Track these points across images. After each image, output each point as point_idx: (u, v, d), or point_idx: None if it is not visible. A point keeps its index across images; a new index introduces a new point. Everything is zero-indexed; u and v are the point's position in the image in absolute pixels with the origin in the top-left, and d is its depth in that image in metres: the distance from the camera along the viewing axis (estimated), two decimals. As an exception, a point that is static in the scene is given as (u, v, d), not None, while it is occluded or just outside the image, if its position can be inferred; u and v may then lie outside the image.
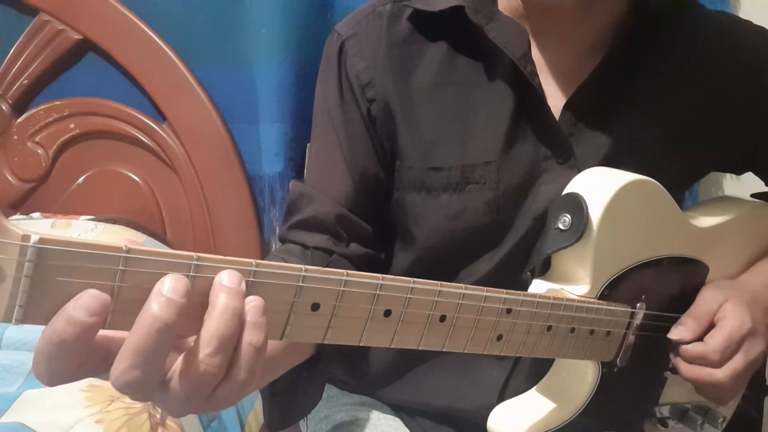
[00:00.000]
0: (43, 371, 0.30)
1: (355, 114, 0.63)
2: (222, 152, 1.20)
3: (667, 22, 0.61)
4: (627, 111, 0.61)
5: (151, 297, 0.30)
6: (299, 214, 0.63)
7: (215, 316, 0.32)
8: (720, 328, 0.56)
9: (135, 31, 1.18)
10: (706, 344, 0.56)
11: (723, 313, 0.57)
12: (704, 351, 0.56)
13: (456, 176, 0.60)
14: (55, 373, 0.30)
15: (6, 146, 1.25)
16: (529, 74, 0.58)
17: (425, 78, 0.61)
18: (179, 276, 0.31)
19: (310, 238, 0.61)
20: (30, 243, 0.27)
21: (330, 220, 0.61)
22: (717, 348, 0.55)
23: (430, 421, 0.68)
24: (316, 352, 0.54)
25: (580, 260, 0.54)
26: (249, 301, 0.33)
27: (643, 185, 0.55)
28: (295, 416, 0.58)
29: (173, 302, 0.30)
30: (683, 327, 0.57)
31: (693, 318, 0.58)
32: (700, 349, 0.56)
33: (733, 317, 0.56)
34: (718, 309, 0.58)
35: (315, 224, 0.62)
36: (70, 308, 0.29)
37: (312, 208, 0.62)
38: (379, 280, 0.37)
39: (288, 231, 0.63)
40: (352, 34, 0.63)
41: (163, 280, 0.30)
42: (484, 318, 0.44)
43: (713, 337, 0.56)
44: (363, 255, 0.63)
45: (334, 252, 0.61)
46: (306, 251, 0.61)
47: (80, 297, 0.29)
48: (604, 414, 0.59)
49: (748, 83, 0.64)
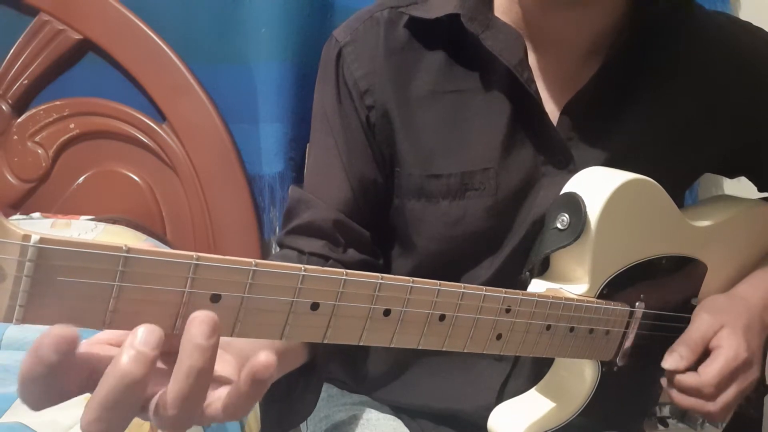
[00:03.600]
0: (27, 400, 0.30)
1: (354, 120, 0.63)
2: (222, 152, 1.20)
3: (665, 24, 0.61)
4: (625, 114, 0.61)
5: (123, 347, 0.29)
6: (297, 219, 0.63)
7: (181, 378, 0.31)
8: (715, 360, 0.56)
9: (135, 31, 1.18)
10: (700, 377, 0.55)
11: (718, 342, 0.56)
12: (698, 383, 0.55)
13: (455, 183, 0.60)
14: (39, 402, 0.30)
15: (6, 146, 1.25)
16: (526, 81, 0.58)
17: (423, 86, 0.61)
18: (152, 327, 0.30)
19: (307, 244, 0.61)
20: (30, 243, 0.27)
21: (327, 225, 0.61)
22: (711, 382, 0.55)
23: (429, 422, 0.68)
24: (310, 358, 0.54)
25: (579, 259, 0.54)
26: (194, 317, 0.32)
27: (641, 184, 0.55)
28: (291, 423, 0.58)
29: (143, 356, 0.29)
30: (677, 355, 0.57)
31: (686, 346, 0.57)
32: (693, 381, 0.56)
33: (728, 346, 0.56)
34: (713, 336, 0.57)
35: (312, 230, 0.62)
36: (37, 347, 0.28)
37: (309, 213, 0.62)
38: (378, 279, 0.37)
39: (285, 236, 0.64)
40: (350, 40, 0.63)
41: (136, 330, 0.29)
42: (483, 317, 0.44)
43: (707, 369, 0.55)
44: (360, 261, 0.63)
45: (330, 258, 0.60)
46: (302, 257, 0.61)
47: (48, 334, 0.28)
48: (604, 413, 0.59)
49: (748, 84, 0.64)
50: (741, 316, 0.59)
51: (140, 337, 0.29)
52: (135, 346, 0.29)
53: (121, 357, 0.29)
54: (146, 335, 0.29)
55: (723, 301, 0.61)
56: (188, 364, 0.30)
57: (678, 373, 0.56)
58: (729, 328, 0.57)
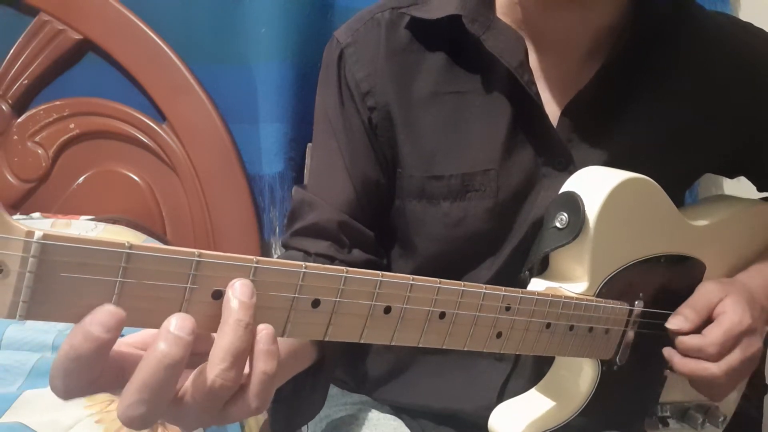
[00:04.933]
0: (59, 385, 0.31)
1: (356, 122, 0.63)
2: (222, 152, 1.20)
3: (666, 25, 0.61)
4: (626, 115, 0.61)
5: (158, 335, 0.31)
6: (301, 220, 0.63)
7: (228, 332, 0.32)
8: (719, 323, 0.56)
9: (135, 31, 1.18)
10: (705, 337, 0.56)
11: (723, 308, 0.57)
12: (701, 343, 0.55)
13: (456, 184, 0.61)
14: (71, 388, 0.31)
15: (6, 146, 1.25)
16: (526, 83, 0.58)
17: (425, 87, 0.61)
18: (185, 315, 0.31)
19: (313, 245, 0.61)
20: (34, 239, 0.27)
21: (332, 226, 0.61)
22: (715, 341, 0.55)
23: (430, 422, 0.68)
24: (318, 358, 0.54)
25: (578, 258, 0.54)
26: (260, 329, 0.34)
27: (639, 183, 0.56)
28: (299, 422, 0.58)
29: (180, 339, 0.31)
30: (681, 317, 0.57)
31: (692, 309, 0.57)
32: (697, 342, 0.56)
33: (733, 311, 0.56)
34: (718, 303, 0.57)
35: (317, 231, 0.62)
36: (87, 324, 0.29)
37: (314, 215, 0.62)
38: (378, 277, 0.38)
39: (291, 238, 0.64)
40: (351, 41, 0.63)
41: (170, 319, 0.31)
42: (483, 315, 0.44)
43: (712, 330, 0.56)
44: (365, 261, 0.63)
45: (336, 258, 0.61)
46: (308, 258, 0.61)
47: (97, 312, 0.29)
48: (605, 413, 0.59)
49: (748, 84, 0.64)
50: (743, 290, 0.59)
51: (175, 323, 0.31)
52: (171, 331, 0.31)
53: (158, 342, 0.31)
54: (180, 321, 0.31)
55: (726, 279, 0.62)
56: (235, 317, 0.32)
57: (681, 334, 0.56)
58: (734, 296, 0.57)
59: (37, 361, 0.83)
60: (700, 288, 0.59)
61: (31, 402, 0.76)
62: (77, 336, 0.29)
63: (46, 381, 0.81)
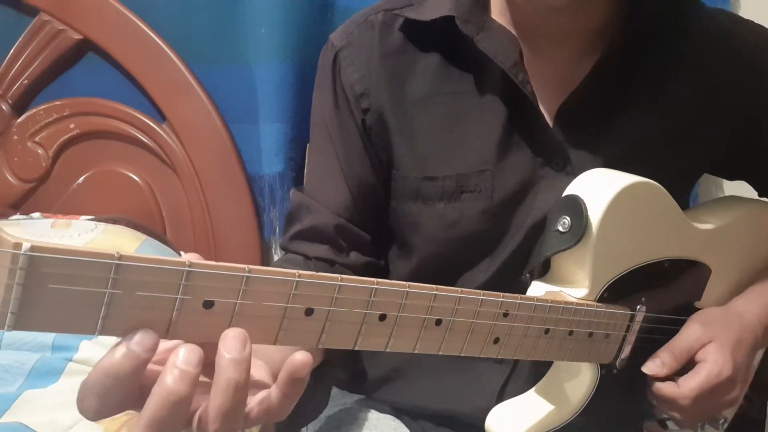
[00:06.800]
0: (92, 404, 0.31)
1: (351, 124, 0.63)
2: (222, 152, 1.20)
3: (664, 22, 0.60)
4: (623, 114, 0.61)
5: (165, 369, 0.31)
6: (299, 224, 0.64)
7: (220, 392, 0.32)
8: (697, 373, 0.55)
9: (135, 31, 1.18)
10: (679, 387, 0.55)
11: (704, 356, 0.56)
12: (675, 395, 0.55)
13: (451, 185, 0.60)
14: (103, 407, 0.32)
15: (6, 146, 1.25)
16: (521, 83, 0.58)
17: (419, 88, 0.61)
18: (192, 347, 0.31)
19: (311, 249, 0.62)
20: (22, 251, 0.27)
21: (329, 230, 0.62)
22: (688, 395, 0.54)
23: (429, 423, 0.68)
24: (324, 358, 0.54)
25: (580, 263, 0.53)
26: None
27: (644, 187, 0.55)
28: (302, 421, 0.59)
29: (187, 375, 0.31)
30: (659, 361, 0.56)
31: (670, 353, 0.56)
32: (670, 392, 0.55)
33: (713, 362, 0.55)
34: (700, 348, 0.56)
35: (315, 234, 0.62)
36: (130, 344, 0.30)
37: (311, 218, 0.63)
38: (373, 284, 0.37)
39: (289, 241, 0.64)
40: (345, 44, 0.63)
41: (177, 351, 0.31)
42: (480, 322, 0.43)
43: (688, 381, 0.55)
44: (364, 264, 0.63)
45: (336, 262, 0.61)
46: (308, 262, 0.62)
47: (136, 334, 0.30)
48: (603, 415, 0.58)
49: (748, 82, 0.63)
50: (733, 331, 0.57)
51: (182, 357, 0.31)
52: (178, 365, 0.31)
53: (165, 377, 0.31)
54: (187, 354, 0.31)
55: (718, 314, 0.60)
56: (225, 377, 0.32)
57: (657, 380, 0.56)
58: (718, 343, 0.56)
59: (37, 361, 0.83)
60: (683, 330, 0.58)
61: (31, 402, 0.76)
62: (117, 355, 0.30)
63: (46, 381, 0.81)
